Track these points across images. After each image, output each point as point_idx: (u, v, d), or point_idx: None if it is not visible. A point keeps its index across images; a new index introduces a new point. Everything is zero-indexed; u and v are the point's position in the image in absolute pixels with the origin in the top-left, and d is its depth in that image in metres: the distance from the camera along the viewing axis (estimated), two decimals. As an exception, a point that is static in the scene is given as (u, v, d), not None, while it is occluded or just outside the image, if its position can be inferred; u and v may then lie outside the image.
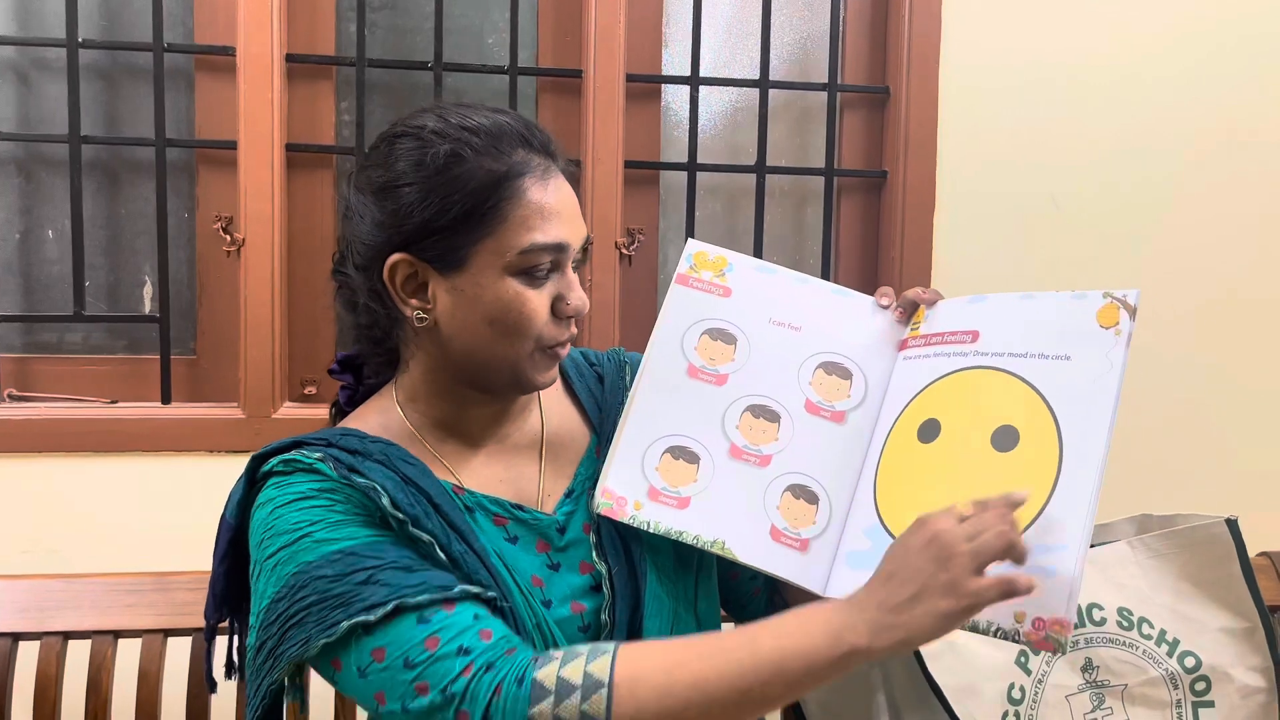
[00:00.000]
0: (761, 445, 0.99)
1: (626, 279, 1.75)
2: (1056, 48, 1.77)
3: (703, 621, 1.03)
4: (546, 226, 0.90)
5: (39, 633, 1.24)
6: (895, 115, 1.77)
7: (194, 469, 1.59)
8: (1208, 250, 1.83)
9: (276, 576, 0.86)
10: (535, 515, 0.98)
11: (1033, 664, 1.11)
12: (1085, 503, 0.84)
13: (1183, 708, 1.13)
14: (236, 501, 0.94)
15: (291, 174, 1.65)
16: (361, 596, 0.83)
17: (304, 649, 0.84)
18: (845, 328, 1.04)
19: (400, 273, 0.92)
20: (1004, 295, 0.99)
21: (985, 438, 0.91)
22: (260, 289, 1.60)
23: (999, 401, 0.92)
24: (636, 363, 1.10)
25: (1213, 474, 1.85)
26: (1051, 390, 0.90)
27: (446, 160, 0.89)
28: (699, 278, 1.05)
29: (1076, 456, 0.86)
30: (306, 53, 1.66)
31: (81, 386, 1.66)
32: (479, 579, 0.89)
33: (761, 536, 0.96)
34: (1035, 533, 0.84)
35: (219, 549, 0.95)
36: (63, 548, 1.56)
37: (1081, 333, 0.91)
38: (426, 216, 0.89)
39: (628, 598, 0.97)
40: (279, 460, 0.91)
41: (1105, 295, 0.91)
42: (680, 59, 1.79)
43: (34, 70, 1.66)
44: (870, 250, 1.85)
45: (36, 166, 1.66)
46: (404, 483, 0.90)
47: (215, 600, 0.97)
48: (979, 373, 0.95)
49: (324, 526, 0.86)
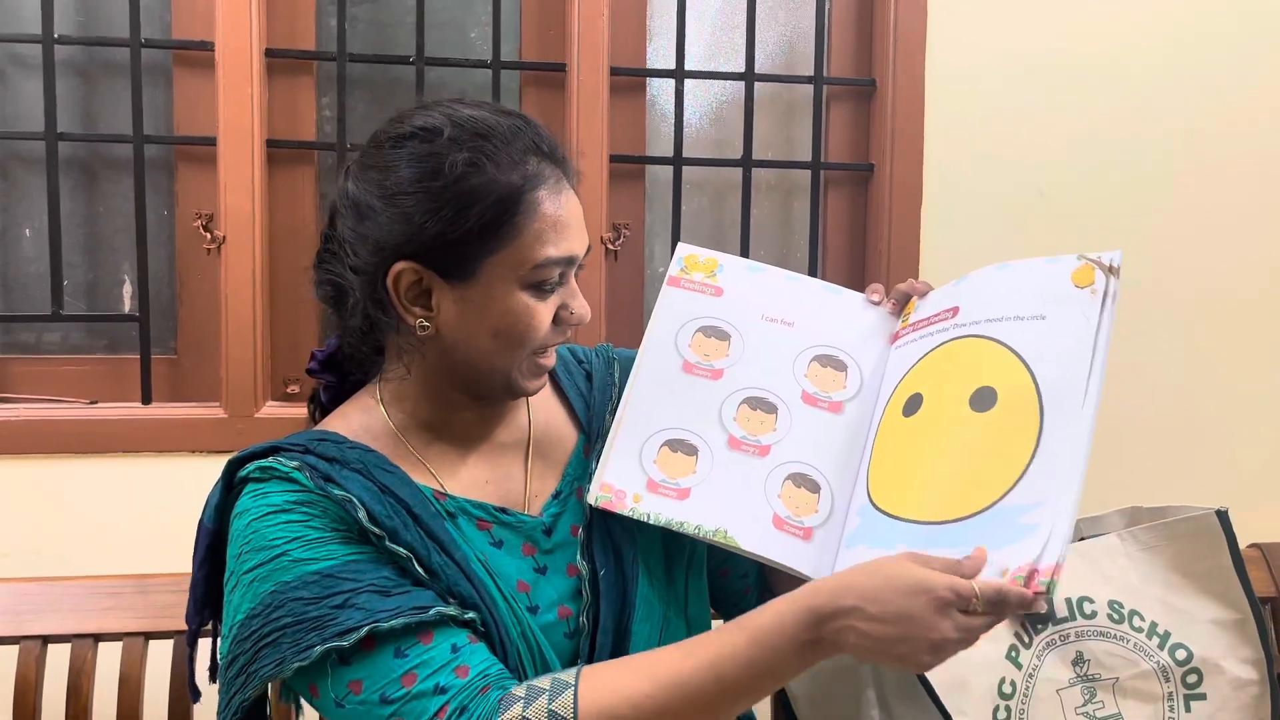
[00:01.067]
0: (760, 436, 0.99)
1: (613, 274, 1.74)
2: (1043, 39, 1.76)
3: (693, 624, 1.02)
4: (559, 240, 0.89)
5: (17, 637, 1.22)
6: (881, 108, 1.77)
7: (176, 469, 1.57)
8: (1198, 242, 1.83)
9: (253, 593, 0.85)
10: (520, 518, 0.97)
11: (1023, 658, 1.10)
12: (1072, 456, 0.83)
13: (1174, 700, 1.13)
14: (214, 506, 0.92)
15: (272, 170, 1.63)
16: (336, 621, 0.82)
17: (278, 669, 0.83)
18: (838, 322, 1.04)
19: (405, 280, 0.90)
20: (983, 269, 0.99)
21: (964, 401, 0.91)
22: (241, 287, 1.58)
23: (976, 366, 0.92)
24: (625, 359, 1.09)
25: (1204, 467, 1.84)
26: (1028, 349, 0.90)
27: (463, 170, 0.87)
28: (690, 279, 1.05)
29: (1060, 413, 0.85)
30: (286, 47, 1.64)
31: (61, 387, 1.64)
32: (459, 590, 0.87)
33: (764, 525, 0.95)
34: (1021, 489, 0.84)
35: (198, 554, 0.94)
36: (45, 549, 1.54)
37: (1057, 295, 0.91)
38: (439, 228, 0.87)
39: (615, 601, 0.95)
40: (255, 466, 0.90)
41: (1080, 257, 0.92)
42: (665, 52, 1.78)
43: (9, 66, 1.63)
44: (858, 243, 1.84)
45: (12, 164, 1.64)
46: (381, 493, 0.88)
47: (196, 605, 0.95)
48: (958, 343, 0.95)
49: (301, 545, 0.85)
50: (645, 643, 0.96)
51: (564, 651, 0.94)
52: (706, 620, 1.05)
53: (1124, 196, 1.80)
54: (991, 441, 0.87)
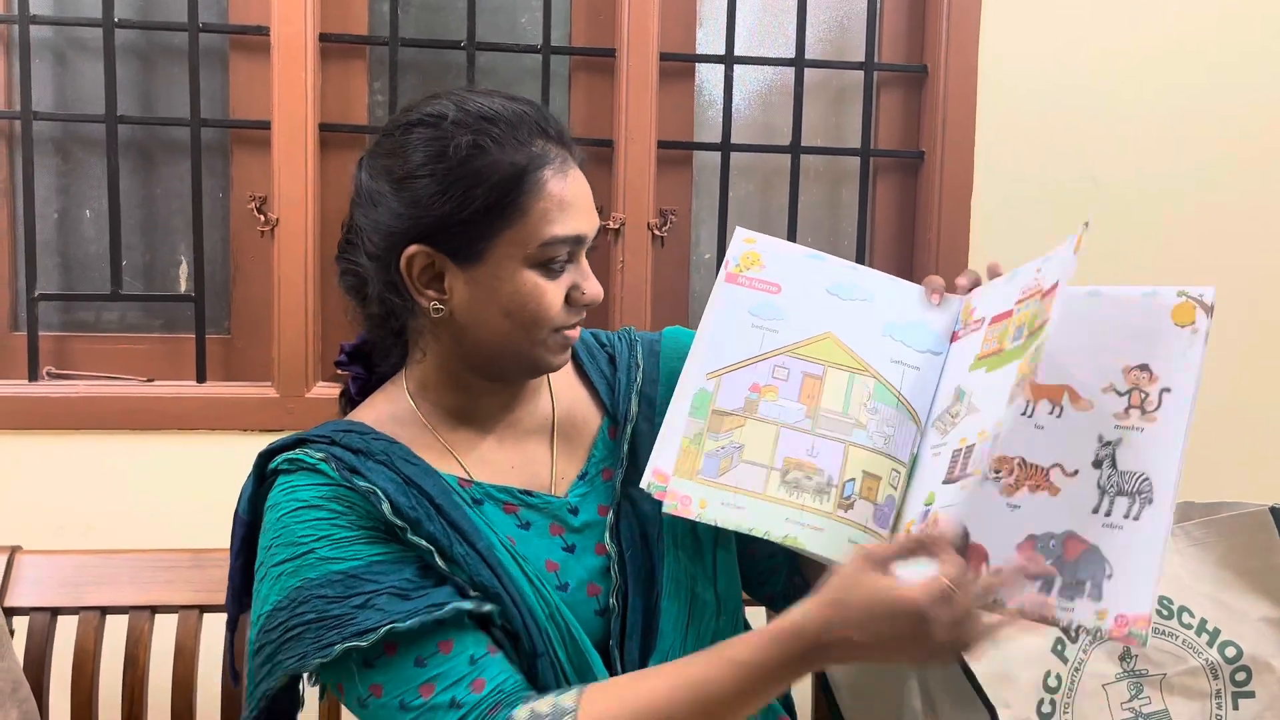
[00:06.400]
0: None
1: (658, 260, 1.74)
2: (1098, 27, 1.73)
3: (722, 599, 1.02)
4: (565, 219, 0.90)
5: (77, 607, 1.26)
6: (933, 95, 1.75)
7: (228, 447, 1.60)
8: (1254, 232, 1.79)
9: (280, 586, 0.88)
10: (546, 499, 0.98)
11: (1069, 652, 1.09)
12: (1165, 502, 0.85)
13: (1222, 698, 1.11)
14: (248, 498, 0.96)
15: (325, 154, 1.65)
16: (356, 620, 0.85)
17: (300, 663, 0.86)
18: (903, 312, 1.01)
19: (417, 264, 0.91)
20: (1072, 292, 0.94)
21: None
22: (294, 269, 1.60)
23: None
24: (647, 340, 1.09)
25: (1258, 462, 1.81)
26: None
27: (469, 152, 0.89)
28: (747, 275, 1.02)
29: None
30: (340, 32, 1.66)
31: (118, 365, 1.68)
32: (481, 580, 0.89)
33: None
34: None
35: (234, 544, 0.97)
36: (99, 524, 1.58)
37: (1155, 332, 0.89)
38: (447, 209, 0.89)
39: (643, 580, 0.97)
40: (284, 459, 0.93)
41: (1180, 293, 0.89)
42: (714, 37, 1.77)
43: (70, 50, 1.67)
44: (906, 232, 1.82)
45: (73, 147, 1.68)
46: (405, 484, 0.90)
47: (234, 593, 0.99)
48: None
49: (329, 544, 0.88)
50: (674, 620, 0.97)
51: (594, 630, 0.95)
52: (737, 596, 1.06)
53: (1179, 187, 1.77)
54: None
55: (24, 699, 1.18)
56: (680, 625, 0.97)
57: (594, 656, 0.93)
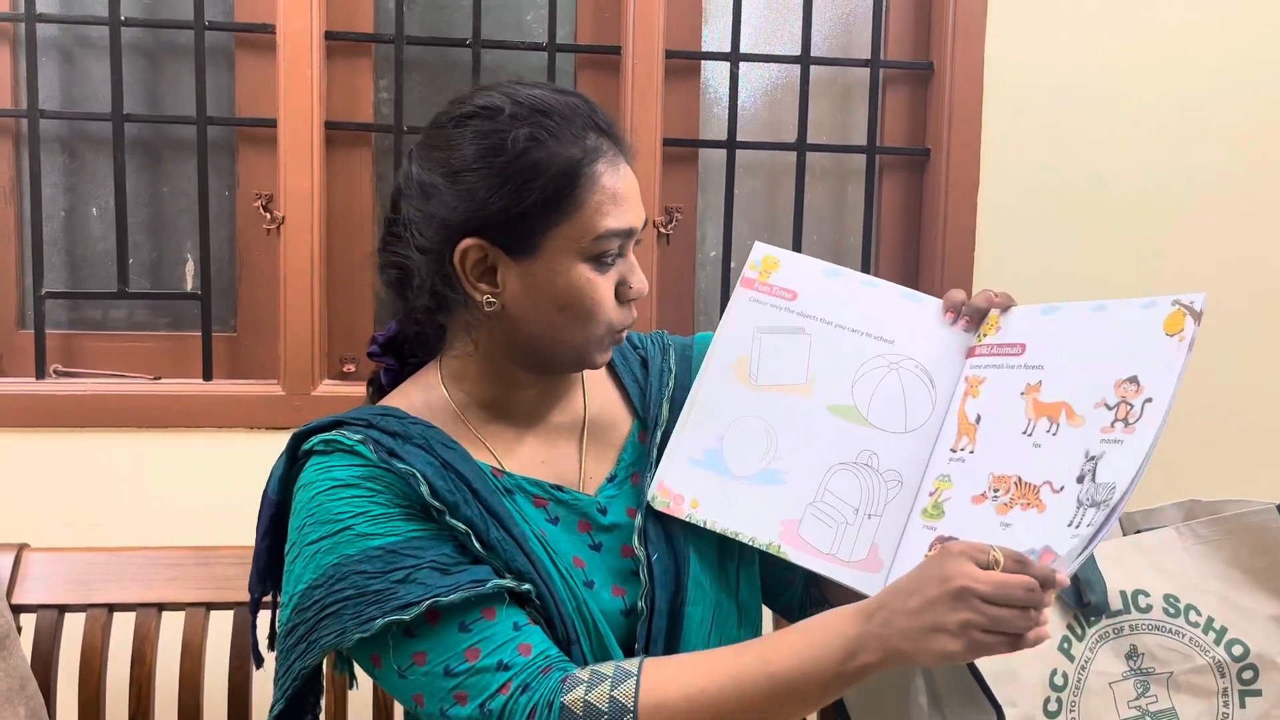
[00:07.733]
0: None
1: (664, 258, 1.74)
2: (1105, 25, 1.73)
3: (744, 609, 1.03)
4: (619, 212, 0.91)
5: (84, 605, 1.26)
6: (939, 92, 1.74)
7: (234, 444, 1.61)
8: (1259, 232, 1.78)
9: (315, 564, 0.87)
10: (575, 496, 0.98)
11: (1075, 650, 1.09)
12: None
13: (1229, 696, 1.11)
14: (279, 478, 0.95)
15: (330, 152, 1.65)
16: (398, 595, 0.84)
17: (339, 639, 0.85)
18: (918, 338, 1.02)
19: (471, 257, 0.91)
20: (1078, 308, 0.94)
21: None
22: (300, 267, 1.60)
23: None
24: (680, 345, 1.10)
25: (1264, 460, 1.81)
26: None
27: (525, 145, 0.88)
28: (765, 283, 1.04)
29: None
30: (345, 30, 1.66)
31: (125, 363, 1.68)
32: (516, 565, 0.89)
33: None
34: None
35: (261, 524, 0.96)
36: (105, 521, 1.58)
37: (1150, 343, 0.88)
38: (504, 203, 0.88)
39: (668, 585, 0.96)
40: (320, 439, 0.92)
41: (1174, 302, 0.88)
42: (720, 35, 1.77)
43: (77, 48, 1.67)
44: (913, 229, 1.82)
45: (80, 145, 1.68)
46: (443, 468, 0.90)
47: (259, 575, 0.98)
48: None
49: (366, 520, 0.87)
50: (699, 626, 0.97)
51: (620, 630, 0.95)
52: (757, 606, 1.06)
53: (1186, 183, 1.77)
54: None
55: (31, 696, 1.18)
56: (704, 632, 0.98)
57: (618, 655, 0.93)
